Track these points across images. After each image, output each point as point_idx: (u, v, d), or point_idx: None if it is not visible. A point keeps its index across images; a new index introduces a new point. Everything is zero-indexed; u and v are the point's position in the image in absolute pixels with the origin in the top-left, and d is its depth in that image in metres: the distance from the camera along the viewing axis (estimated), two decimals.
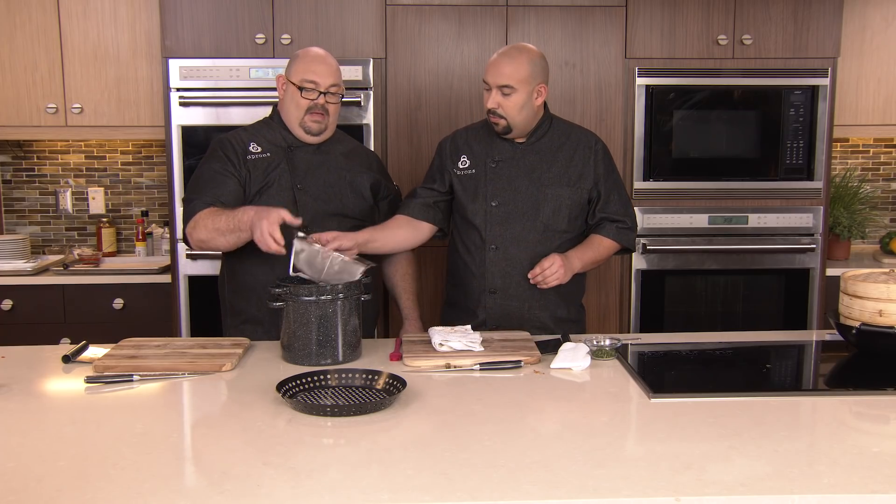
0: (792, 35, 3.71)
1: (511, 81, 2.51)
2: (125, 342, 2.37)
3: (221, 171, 2.53)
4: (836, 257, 4.13)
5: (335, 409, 1.84)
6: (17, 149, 4.25)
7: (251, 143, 2.59)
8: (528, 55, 2.54)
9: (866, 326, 2.25)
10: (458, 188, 2.71)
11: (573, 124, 2.75)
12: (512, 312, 2.65)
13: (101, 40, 3.86)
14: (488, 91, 2.57)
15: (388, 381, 2.00)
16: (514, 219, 2.63)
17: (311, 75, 2.53)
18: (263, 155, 2.58)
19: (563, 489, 1.42)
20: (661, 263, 3.76)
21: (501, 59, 2.54)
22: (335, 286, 2.19)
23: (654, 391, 1.94)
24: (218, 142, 2.62)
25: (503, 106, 2.54)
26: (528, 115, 2.59)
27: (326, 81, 2.54)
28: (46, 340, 3.54)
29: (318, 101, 2.54)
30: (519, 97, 2.53)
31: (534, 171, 2.64)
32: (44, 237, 4.34)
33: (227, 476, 1.48)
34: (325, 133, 2.61)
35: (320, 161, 2.63)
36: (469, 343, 2.24)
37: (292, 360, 2.20)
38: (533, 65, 2.54)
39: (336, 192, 2.62)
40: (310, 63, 2.55)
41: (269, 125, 2.65)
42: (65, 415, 1.85)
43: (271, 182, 2.55)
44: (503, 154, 2.66)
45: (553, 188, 2.62)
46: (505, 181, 2.64)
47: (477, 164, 2.68)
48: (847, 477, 1.47)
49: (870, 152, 4.49)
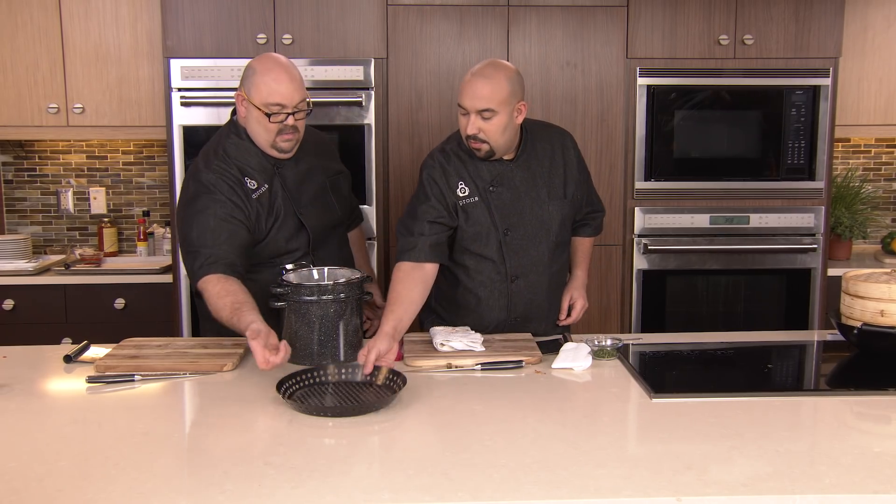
0: (793, 35, 3.70)
1: (491, 104, 2.31)
2: (126, 342, 2.37)
3: (228, 217, 2.31)
4: (838, 257, 4.12)
5: (336, 411, 1.84)
6: (19, 149, 4.26)
7: (246, 179, 2.38)
8: (504, 73, 2.35)
9: (868, 326, 2.25)
10: (463, 219, 2.48)
11: (540, 124, 2.61)
12: (528, 331, 2.56)
13: (103, 40, 3.86)
14: (465, 116, 2.36)
15: (389, 377, 2.00)
16: (528, 244, 2.51)
17: (276, 97, 2.29)
18: (262, 189, 2.39)
19: (564, 489, 1.42)
20: (662, 263, 3.76)
21: (478, 81, 2.32)
22: (336, 285, 2.19)
23: (655, 391, 1.94)
24: (212, 181, 2.34)
25: (484, 130, 2.34)
26: (511, 135, 2.41)
27: (293, 101, 2.32)
28: (48, 340, 3.54)
29: (288, 122, 2.33)
30: (500, 119, 2.34)
31: (531, 189, 2.49)
32: (45, 237, 4.34)
33: (228, 476, 1.48)
34: (293, 149, 2.43)
35: (303, 174, 2.50)
36: (470, 343, 2.24)
37: (294, 360, 2.20)
38: (511, 83, 2.35)
39: (324, 201, 2.55)
40: (272, 83, 2.29)
41: (246, 150, 2.41)
42: (66, 415, 1.85)
43: (278, 215, 2.42)
44: (498, 177, 2.47)
45: (554, 203, 2.51)
46: (508, 205, 2.48)
47: (476, 191, 2.47)
48: (848, 477, 1.47)
49: (871, 152, 4.48)
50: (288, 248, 2.45)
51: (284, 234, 2.43)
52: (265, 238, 2.41)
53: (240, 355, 2.23)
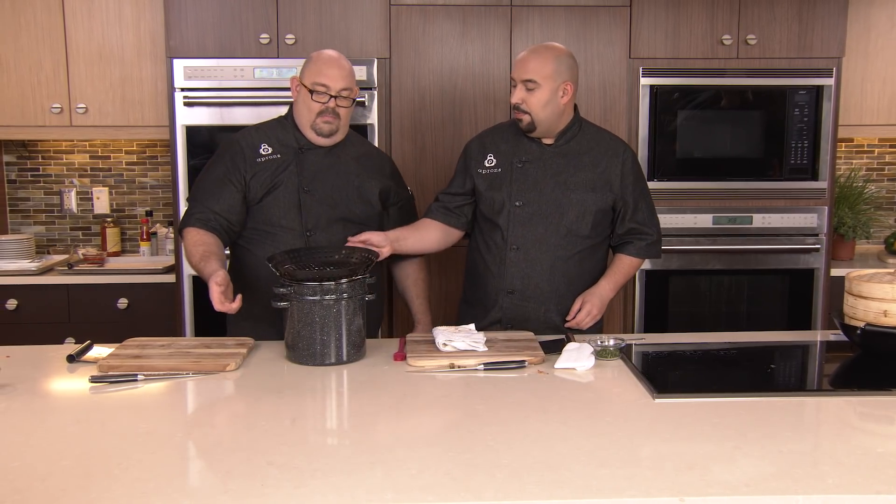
0: (797, 35, 3.70)
1: (535, 76, 2.51)
2: (129, 342, 2.37)
3: (223, 177, 2.56)
4: (841, 257, 4.12)
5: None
6: (22, 149, 4.26)
7: (262, 144, 2.60)
8: (554, 52, 2.54)
9: (871, 327, 2.24)
10: (481, 187, 2.68)
11: (604, 130, 2.73)
12: (528, 314, 2.64)
13: (106, 40, 3.87)
14: (514, 87, 2.57)
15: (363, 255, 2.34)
16: (537, 220, 2.61)
17: (322, 78, 2.52)
18: (274, 156, 2.58)
19: (566, 489, 1.42)
20: (665, 263, 3.76)
21: (528, 55, 2.55)
22: (339, 285, 2.19)
23: (658, 391, 1.94)
24: (228, 143, 2.63)
25: (527, 101, 2.53)
26: (553, 112, 2.56)
27: (338, 85, 2.53)
28: (51, 340, 3.55)
29: (329, 104, 2.53)
30: (543, 93, 2.52)
31: (560, 173, 2.61)
32: (48, 237, 4.35)
33: (231, 475, 1.48)
34: (336, 135, 2.60)
35: (330, 164, 2.63)
36: (473, 343, 2.24)
37: (296, 360, 2.21)
38: (558, 62, 2.53)
39: (343, 196, 2.62)
40: (322, 66, 2.54)
41: (283, 125, 2.65)
42: (69, 414, 1.86)
43: (279, 184, 2.56)
44: (530, 155, 2.64)
45: (578, 192, 2.60)
46: (531, 182, 2.62)
47: (503, 163, 2.66)
48: (851, 477, 1.46)
49: (874, 152, 4.48)
50: (282, 222, 2.56)
51: (281, 205, 2.56)
52: (259, 202, 2.56)
53: (243, 355, 2.24)
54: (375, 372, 2.16)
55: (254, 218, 2.59)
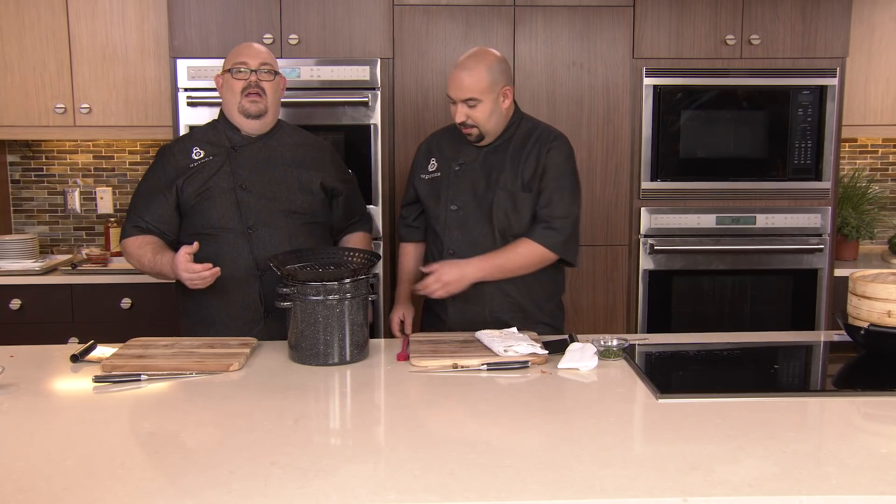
0: (800, 35, 3.70)
1: (474, 94, 2.50)
2: (133, 342, 2.37)
3: (154, 186, 2.61)
4: (845, 258, 4.11)
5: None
6: (26, 149, 4.27)
7: (193, 148, 2.63)
8: (485, 63, 2.51)
9: (875, 327, 2.24)
10: (422, 194, 2.71)
11: (540, 123, 2.68)
12: (475, 318, 2.60)
13: (110, 40, 3.87)
14: (454, 105, 2.56)
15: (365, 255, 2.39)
16: (472, 223, 2.59)
17: (239, 58, 2.59)
18: (206, 159, 2.60)
19: (570, 489, 1.42)
20: (668, 264, 3.76)
21: (460, 74, 2.52)
22: (342, 285, 2.19)
23: (661, 391, 1.94)
24: (161, 151, 2.68)
25: (471, 117, 2.53)
26: (499, 119, 2.57)
27: (255, 61, 2.58)
28: (54, 340, 3.55)
29: (251, 78, 2.56)
30: (485, 106, 2.52)
31: (491, 173, 2.60)
32: (52, 237, 4.35)
33: (234, 475, 1.48)
34: (266, 117, 2.61)
35: (265, 157, 2.63)
36: (530, 345, 2.23)
37: (299, 360, 2.21)
38: (492, 72, 2.51)
39: (282, 188, 2.61)
40: (238, 50, 2.63)
41: (215, 127, 2.68)
42: (73, 414, 1.86)
43: (213, 186, 2.57)
44: (467, 157, 2.64)
45: (505, 191, 2.56)
46: (466, 185, 2.61)
47: (443, 167, 2.67)
48: (855, 478, 1.46)
49: (878, 152, 4.47)
50: (221, 223, 2.56)
51: (218, 207, 2.57)
52: (195, 206, 2.58)
53: (246, 355, 2.24)
54: (379, 372, 2.16)
55: (192, 223, 2.60)
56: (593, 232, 3.74)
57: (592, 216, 3.72)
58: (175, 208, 2.59)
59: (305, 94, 3.60)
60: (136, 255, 2.56)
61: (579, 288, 3.76)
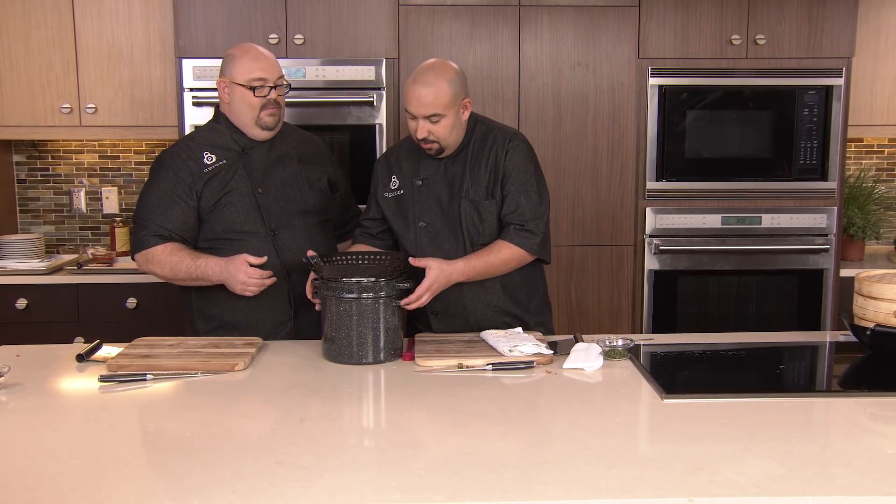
0: (806, 35, 3.69)
1: (437, 109, 2.43)
2: (138, 341, 2.38)
3: (170, 192, 2.51)
4: (850, 258, 4.10)
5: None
6: (32, 149, 4.28)
7: (204, 153, 2.56)
8: (445, 77, 2.45)
9: (881, 327, 2.24)
10: (387, 212, 2.64)
11: (494, 125, 2.62)
12: (460, 329, 2.58)
13: (115, 40, 3.88)
14: (414, 120, 2.47)
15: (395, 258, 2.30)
16: (442, 237, 2.56)
17: (258, 73, 2.51)
18: (220, 163, 2.55)
19: (575, 490, 1.42)
20: (673, 264, 3.75)
21: (421, 90, 2.43)
22: (377, 283, 2.21)
23: (666, 392, 1.94)
24: (168, 157, 2.57)
25: (434, 132, 2.46)
26: (459, 132, 2.53)
27: (273, 75, 2.53)
28: (60, 339, 3.56)
29: (271, 95, 2.52)
30: (448, 121, 2.46)
31: (453, 185, 2.56)
32: (58, 237, 4.36)
33: (239, 475, 1.48)
34: (277, 126, 2.60)
35: (275, 159, 2.62)
36: (535, 345, 2.23)
37: (332, 358, 2.23)
38: (453, 86, 2.45)
39: (295, 188, 2.62)
40: (252, 61, 2.53)
41: (217, 130, 2.61)
42: (78, 413, 1.86)
43: (231, 190, 2.54)
44: (428, 171, 2.58)
45: (468, 200, 2.53)
46: (431, 199, 2.57)
47: (405, 184, 2.61)
48: (861, 479, 1.46)
49: (884, 152, 4.46)
50: (244, 227, 2.55)
51: (239, 211, 2.54)
52: (213, 212, 2.53)
53: (251, 355, 2.24)
54: (384, 372, 2.16)
55: (211, 229, 2.56)
56: (598, 232, 3.73)
57: (598, 216, 3.72)
58: (196, 215, 2.54)
59: (310, 94, 3.60)
60: (167, 262, 2.48)
61: (584, 288, 3.76)
